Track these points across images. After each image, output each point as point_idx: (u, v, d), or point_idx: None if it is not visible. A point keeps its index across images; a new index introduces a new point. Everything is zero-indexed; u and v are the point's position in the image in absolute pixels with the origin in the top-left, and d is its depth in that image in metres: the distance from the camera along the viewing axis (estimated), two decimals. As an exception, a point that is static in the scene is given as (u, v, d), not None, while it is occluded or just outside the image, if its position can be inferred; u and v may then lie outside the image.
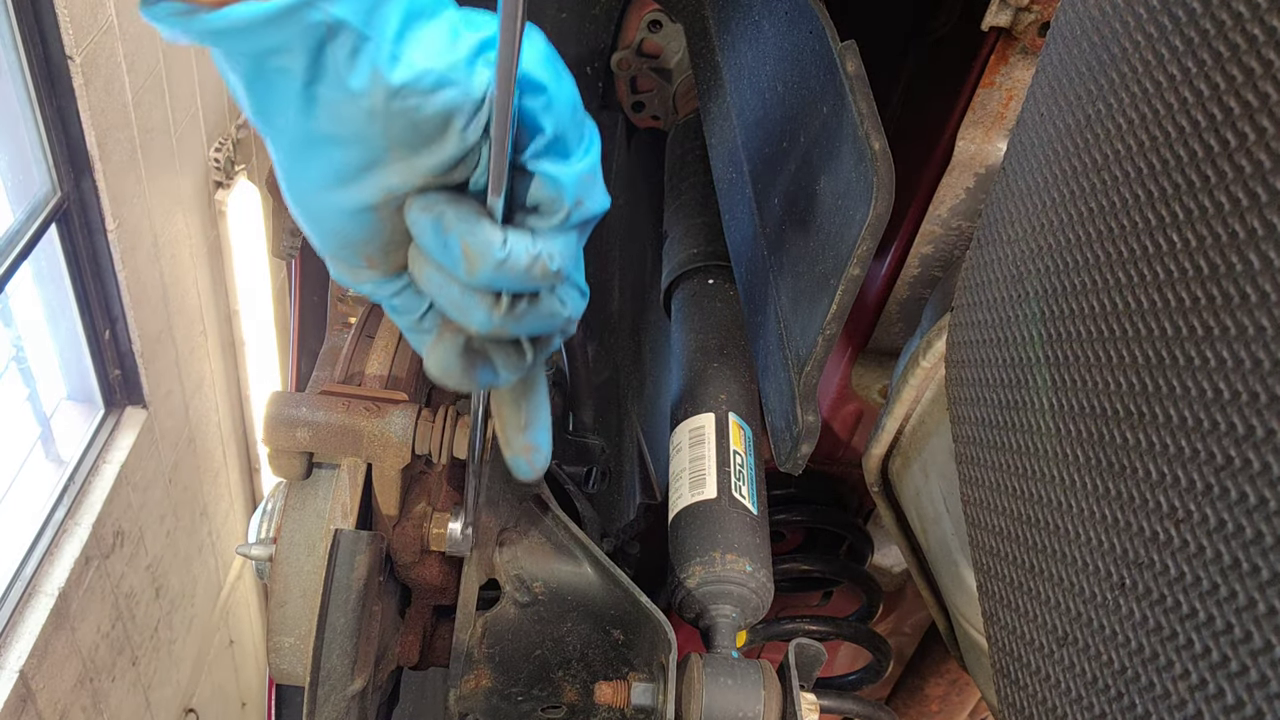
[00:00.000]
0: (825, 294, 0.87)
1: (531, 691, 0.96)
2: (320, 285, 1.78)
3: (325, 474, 0.94)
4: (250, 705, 5.36)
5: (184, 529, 3.98)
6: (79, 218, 2.89)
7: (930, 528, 1.19)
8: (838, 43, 0.88)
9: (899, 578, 1.76)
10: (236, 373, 4.40)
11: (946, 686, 1.81)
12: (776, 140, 1.04)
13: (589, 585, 1.00)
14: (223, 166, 3.71)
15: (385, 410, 0.90)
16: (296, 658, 0.92)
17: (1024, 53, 1.08)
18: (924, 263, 1.29)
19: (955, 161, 1.17)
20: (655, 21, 1.55)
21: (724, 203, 1.22)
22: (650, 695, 0.91)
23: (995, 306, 0.75)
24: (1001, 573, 0.72)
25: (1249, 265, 0.46)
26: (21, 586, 2.88)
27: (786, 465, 0.96)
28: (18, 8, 2.42)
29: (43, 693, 2.90)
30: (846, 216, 0.84)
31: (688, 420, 1.14)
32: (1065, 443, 0.63)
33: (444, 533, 0.96)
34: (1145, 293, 0.54)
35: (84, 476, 3.18)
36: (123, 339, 3.24)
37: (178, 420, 3.75)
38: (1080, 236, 0.62)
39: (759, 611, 1.03)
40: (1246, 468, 0.46)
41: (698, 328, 1.25)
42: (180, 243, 3.55)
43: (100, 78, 2.74)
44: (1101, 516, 0.58)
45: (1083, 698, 0.59)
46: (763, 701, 0.88)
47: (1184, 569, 0.50)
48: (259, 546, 0.94)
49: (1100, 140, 0.60)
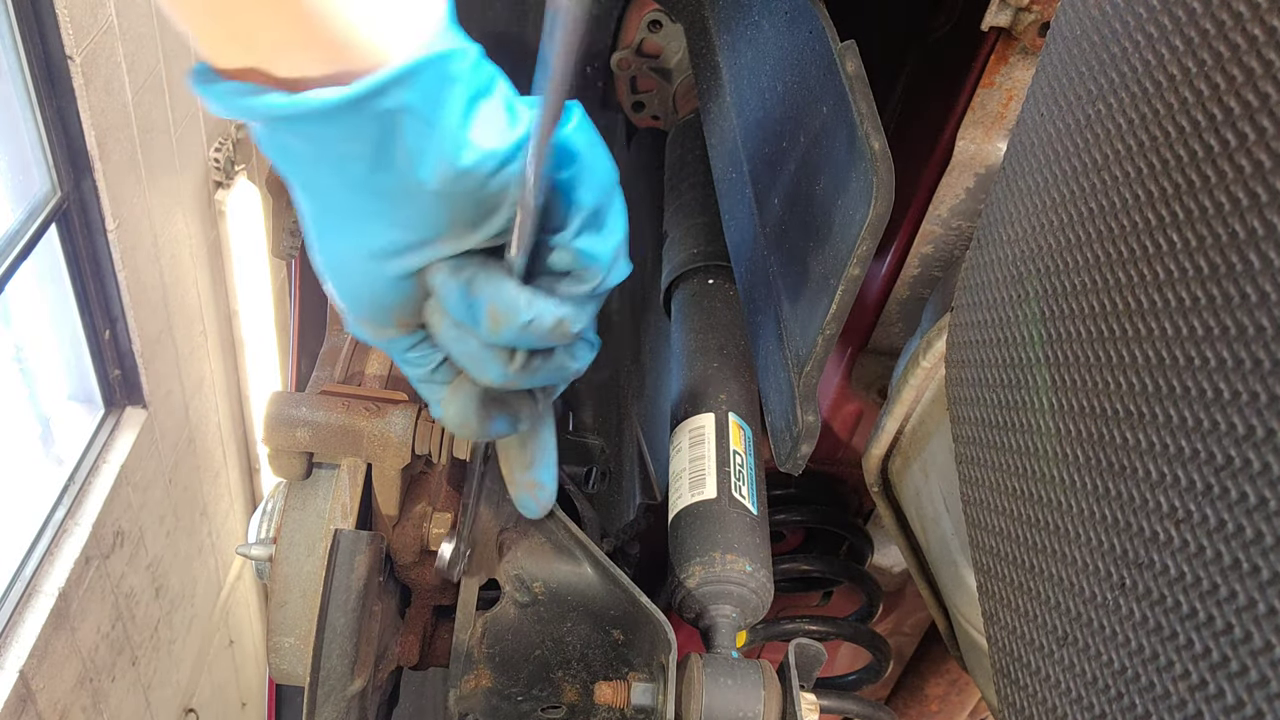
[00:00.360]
0: (825, 294, 0.87)
1: (531, 691, 0.96)
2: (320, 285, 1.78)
3: (325, 474, 0.94)
4: (250, 705, 5.36)
5: (184, 529, 3.98)
6: (79, 218, 2.89)
7: (930, 528, 1.19)
8: (838, 43, 0.88)
9: (899, 578, 1.76)
10: (236, 373, 4.40)
11: (946, 686, 1.81)
12: (776, 140, 1.04)
13: (589, 585, 1.00)
14: (223, 166, 3.71)
15: (385, 410, 0.90)
16: (296, 658, 0.92)
17: (1024, 53, 1.08)
18: (924, 263, 1.29)
19: (955, 161, 1.17)
20: (655, 21, 1.55)
21: (724, 203, 1.22)
22: (650, 695, 0.91)
23: (995, 306, 0.75)
24: (1001, 573, 0.72)
25: (1249, 265, 0.46)
26: (21, 586, 2.88)
27: (786, 465, 0.96)
28: (18, 8, 2.42)
29: (43, 693, 2.90)
30: (846, 216, 0.84)
31: (688, 420, 1.14)
32: (1065, 443, 0.63)
33: (443, 533, 0.96)
34: (1145, 293, 0.54)
35: (84, 476, 3.18)
36: (123, 339, 3.24)
37: (178, 420, 3.75)
38: (1080, 237, 0.62)
39: (759, 612, 1.03)
40: (1247, 468, 0.45)
41: (698, 328, 1.25)
42: (180, 243, 3.55)
43: (100, 78, 2.74)
44: (1102, 517, 0.58)
45: (1083, 698, 0.59)
46: (763, 701, 0.88)
47: (1184, 569, 0.50)
48: (259, 546, 0.94)
49: (1100, 140, 0.60)
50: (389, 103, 0.50)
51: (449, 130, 0.52)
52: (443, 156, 0.52)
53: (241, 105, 0.50)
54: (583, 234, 0.60)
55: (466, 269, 0.58)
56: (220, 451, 4.34)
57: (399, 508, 0.96)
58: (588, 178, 0.59)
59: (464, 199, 0.54)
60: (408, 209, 0.54)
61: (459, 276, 0.58)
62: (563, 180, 0.58)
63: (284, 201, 1.16)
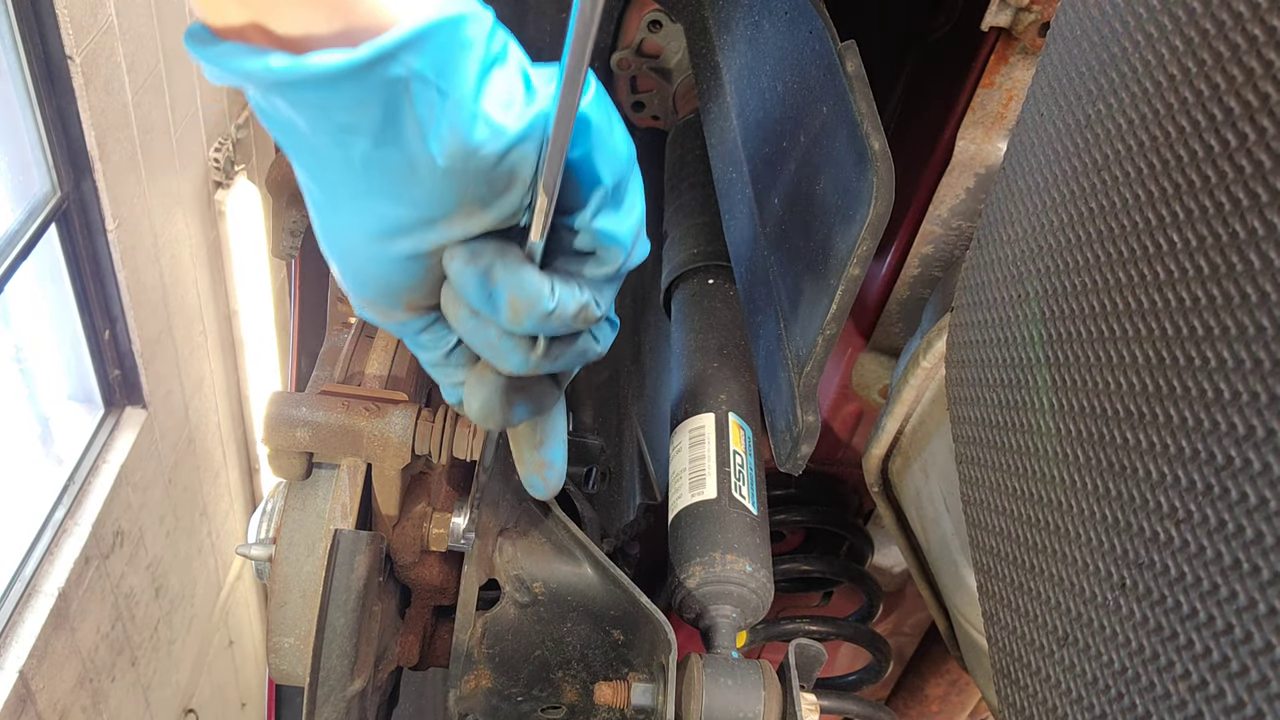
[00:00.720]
0: (825, 294, 0.87)
1: (531, 692, 0.96)
2: (320, 285, 1.78)
3: (325, 474, 0.94)
4: (250, 705, 5.36)
5: (184, 529, 3.98)
6: (79, 218, 2.89)
7: (930, 528, 1.19)
8: (838, 43, 0.88)
9: (899, 578, 1.76)
10: (236, 373, 4.40)
11: (946, 687, 1.81)
12: (776, 140, 1.04)
13: (589, 585, 1.00)
14: (222, 167, 3.70)
15: (385, 410, 0.90)
16: (296, 658, 0.92)
17: (1024, 53, 1.08)
18: (924, 263, 1.29)
19: (955, 161, 1.17)
20: (655, 21, 1.55)
21: (724, 203, 1.22)
22: (650, 695, 0.91)
23: (995, 306, 0.75)
24: (1002, 573, 0.72)
25: (1249, 265, 0.46)
26: (21, 586, 2.88)
27: (786, 465, 0.96)
28: (18, 8, 2.42)
29: (42, 693, 2.90)
30: (846, 216, 0.84)
31: (688, 420, 1.14)
32: (1065, 443, 0.63)
33: (444, 533, 0.96)
34: (1145, 293, 0.54)
35: (84, 476, 3.18)
36: (122, 339, 3.24)
37: (177, 420, 3.75)
38: (1080, 237, 0.62)
39: (759, 612, 1.03)
40: (1247, 468, 0.45)
41: (698, 328, 1.25)
42: (180, 243, 3.55)
43: (100, 78, 2.74)
44: (1102, 517, 0.58)
45: (1083, 698, 0.59)
46: (763, 702, 0.88)
47: (1184, 569, 0.50)
48: (259, 547, 0.94)
49: (1100, 140, 0.60)
50: (398, 69, 0.46)
51: (463, 102, 0.48)
52: (455, 130, 0.49)
53: (238, 67, 0.47)
54: (602, 213, 0.56)
55: (483, 256, 0.54)
56: (220, 451, 4.34)
57: (399, 508, 0.95)
58: (606, 154, 0.55)
59: (476, 176, 0.51)
60: (415, 186, 0.50)
61: (476, 264, 0.54)
62: (579, 156, 0.54)
63: (284, 201, 1.16)
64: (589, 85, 0.54)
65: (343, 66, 0.45)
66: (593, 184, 0.56)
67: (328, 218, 0.55)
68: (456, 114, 0.48)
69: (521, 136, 0.51)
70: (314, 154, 0.51)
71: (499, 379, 0.63)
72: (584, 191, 0.56)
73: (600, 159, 0.55)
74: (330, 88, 0.46)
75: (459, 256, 0.54)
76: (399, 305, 0.58)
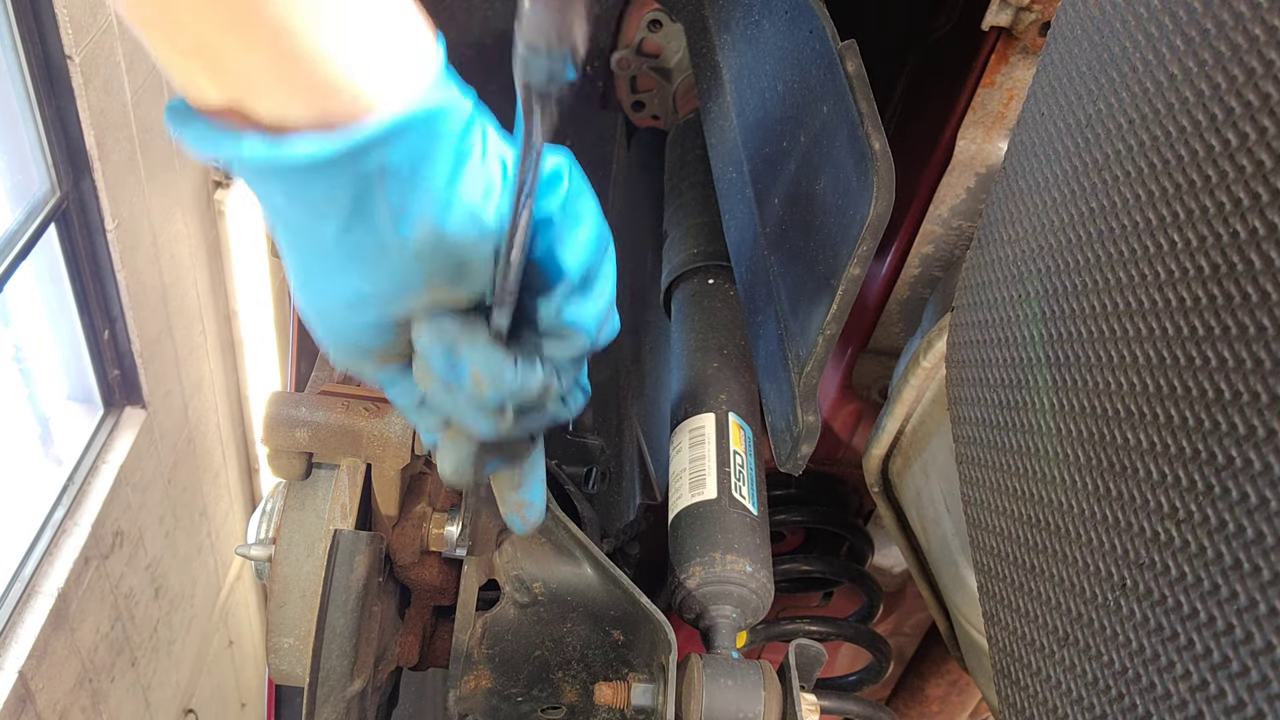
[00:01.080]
0: (825, 294, 0.87)
1: (531, 692, 0.96)
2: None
3: (325, 474, 0.94)
4: (250, 706, 5.36)
5: (183, 529, 3.98)
6: (78, 218, 2.89)
7: (930, 528, 1.19)
8: (838, 42, 0.88)
9: (899, 578, 1.76)
10: (236, 373, 4.40)
11: (947, 687, 1.81)
12: (776, 140, 1.04)
13: (589, 586, 0.99)
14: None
15: (385, 410, 0.90)
16: (296, 658, 0.92)
17: (1024, 52, 1.08)
18: (924, 263, 1.29)
19: (955, 161, 1.17)
20: (655, 21, 1.55)
21: (724, 203, 1.22)
22: (650, 696, 0.91)
23: (996, 306, 0.75)
24: (1002, 573, 0.72)
25: (1249, 265, 0.46)
26: (21, 587, 2.88)
27: (786, 465, 0.96)
28: (17, 8, 2.42)
29: (42, 693, 2.90)
30: (846, 216, 0.84)
31: (688, 420, 1.14)
32: (1066, 443, 0.63)
33: (443, 533, 0.96)
34: (1146, 292, 0.54)
35: (83, 477, 3.18)
36: (122, 339, 3.24)
37: (177, 420, 3.75)
38: (1081, 236, 0.62)
39: (759, 612, 1.03)
40: (1247, 468, 0.45)
41: (698, 328, 1.25)
42: (180, 243, 3.55)
43: (100, 78, 2.74)
44: (1102, 517, 0.58)
45: (1083, 698, 0.59)
46: (763, 702, 0.87)
47: (1185, 569, 0.50)
48: (258, 547, 0.93)
49: (1101, 140, 0.60)
50: (371, 163, 0.47)
51: (434, 193, 0.49)
52: (426, 218, 0.50)
53: (214, 149, 0.47)
54: (569, 301, 0.57)
55: (449, 331, 0.55)
56: (220, 452, 4.34)
57: (399, 508, 0.95)
58: (573, 248, 0.56)
59: (445, 259, 0.52)
60: (384, 265, 0.51)
61: (442, 340, 0.55)
62: (542, 254, 0.55)
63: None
64: (560, 181, 0.55)
65: (315, 158, 0.46)
66: (557, 276, 0.57)
67: (301, 282, 0.56)
68: (428, 203, 0.49)
69: (494, 227, 0.52)
70: (288, 227, 0.52)
71: (470, 444, 0.64)
72: (550, 279, 0.57)
73: (565, 254, 0.56)
74: (303, 176, 0.47)
75: (426, 332, 0.56)
76: (370, 361, 0.60)
